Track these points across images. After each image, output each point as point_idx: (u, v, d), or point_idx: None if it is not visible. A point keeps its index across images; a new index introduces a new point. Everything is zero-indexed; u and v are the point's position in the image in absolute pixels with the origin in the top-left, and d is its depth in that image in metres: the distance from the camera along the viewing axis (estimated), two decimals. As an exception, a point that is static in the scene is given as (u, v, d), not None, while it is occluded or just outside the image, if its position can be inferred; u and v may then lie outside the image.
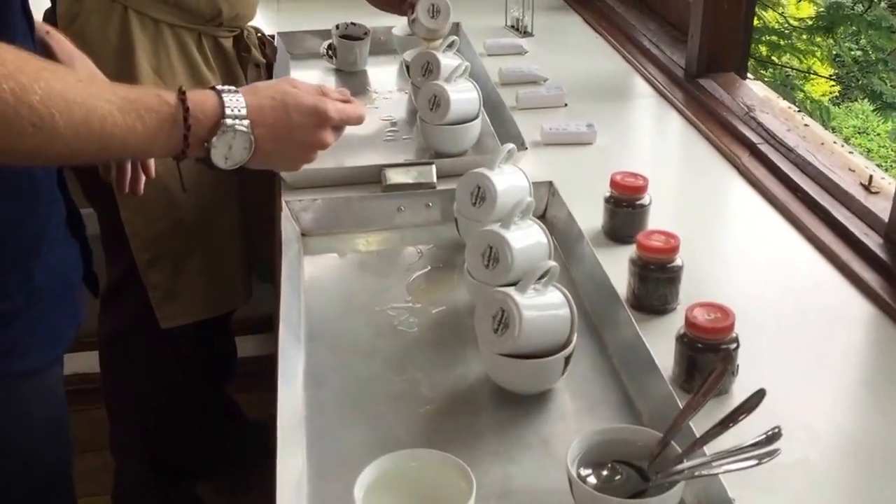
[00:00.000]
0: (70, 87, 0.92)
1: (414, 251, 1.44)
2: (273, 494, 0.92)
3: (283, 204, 1.47)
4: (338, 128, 1.19)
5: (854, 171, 1.50)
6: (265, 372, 2.57)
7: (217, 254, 1.82)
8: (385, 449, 0.93)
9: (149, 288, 1.77)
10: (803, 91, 6.50)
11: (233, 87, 1.08)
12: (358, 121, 1.22)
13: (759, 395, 0.91)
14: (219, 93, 1.06)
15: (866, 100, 7.03)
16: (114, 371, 1.99)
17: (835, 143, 1.62)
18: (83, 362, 2.08)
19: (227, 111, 1.05)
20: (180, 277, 1.78)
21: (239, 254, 1.90)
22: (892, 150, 7.38)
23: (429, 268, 1.40)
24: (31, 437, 1.18)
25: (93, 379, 2.02)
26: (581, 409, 1.10)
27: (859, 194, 1.43)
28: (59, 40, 1.32)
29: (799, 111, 1.79)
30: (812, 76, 6.75)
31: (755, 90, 1.87)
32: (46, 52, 1.27)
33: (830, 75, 7.15)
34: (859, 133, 7.68)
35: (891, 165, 7.08)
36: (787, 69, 5.69)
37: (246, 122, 1.07)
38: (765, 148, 1.63)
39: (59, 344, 1.18)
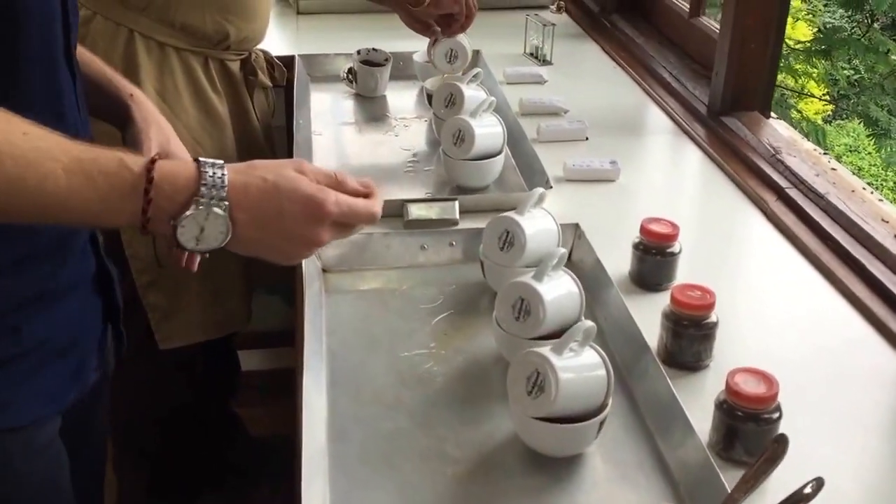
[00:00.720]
0: (10, 138, 0.84)
1: (437, 292, 1.41)
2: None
3: (304, 240, 1.43)
4: (340, 224, 1.00)
5: (888, 221, 1.47)
6: (268, 386, 2.57)
7: (217, 276, 1.79)
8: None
9: (148, 309, 1.75)
10: (798, 110, 6.51)
11: (219, 161, 0.94)
12: (369, 220, 1.03)
13: (818, 485, 0.87)
14: (199, 165, 0.93)
15: (860, 122, 7.06)
16: (115, 390, 1.96)
17: (864, 189, 1.60)
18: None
19: (203, 188, 0.91)
20: (180, 299, 1.76)
21: (239, 275, 1.87)
22: (881, 169, 7.41)
23: (452, 311, 1.36)
24: (19, 491, 1.10)
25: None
26: (614, 476, 1.07)
27: (894, 247, 1.40)
28: (141, 104, 1.26)
29: (825, 153, 1.76)
30: (805, 95, 6.77)
31: (780, 130, 1.84)
32: (126, 115, 1.23)
33: (823, 94, 7.18)
34: (851, 151, 7.72)
35: (881, 184, 7.10)
36: (781, 88, 5.69)
37: (224, 203, 0.92)
38: (793, 193, 1.60)
39: (50, 403, 1.10)
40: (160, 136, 1.23)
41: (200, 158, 0.94)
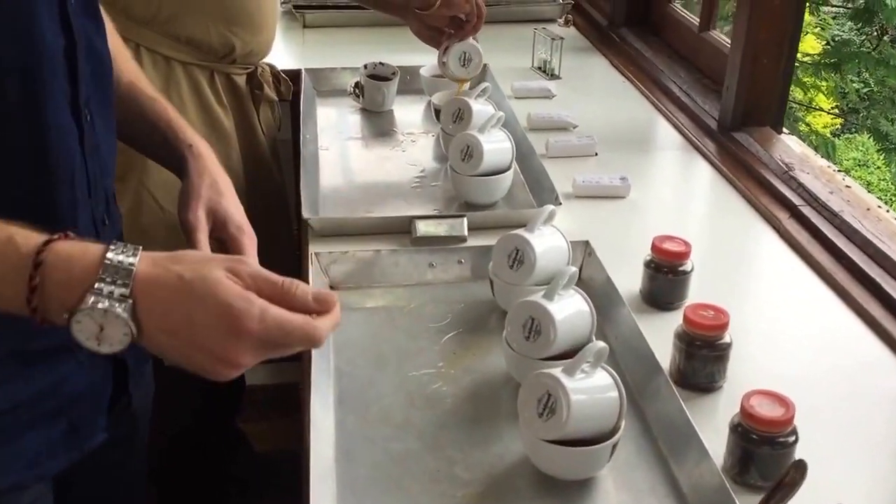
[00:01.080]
0: None
1: (445, 310, 1.39)
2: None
3: (313, 256, 1.41)
4: (269, 344, 0.81)
5: (903, 240, 1.45)
6: (273, 402, 2.55)
7: None
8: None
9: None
10: (807, 124, 6.50)
11: (135, 248, 0.80)
12: (306, 344, 0.84)
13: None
14: (106, 251, 0.79)
15: (869, 136, 7.04)
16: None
17: (880, 207, 1.58)
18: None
19: (102, 282, 0.77)
20: None
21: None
22: (891, 184, 7.38)
23: (460, 329, 1.34)
24: None
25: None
26: (627, 501, 1.05)
27: (910, 267, 1.38)
28: (198, 156, 1.17)
29: (839, 171, 1.74)
30: (814, 109, 6.75)
31: (792, 146, 1.82)
32: (182, 166, 1.16)
33: (832, 108, 7.16)
34: (860, 165, 7.69)
35: (891, 199, 7.07)
36: (790, 101, 5.67)
37: (126, 301, 0.78)
38: (806, 210, 1.58)
39: (32, 468, 1.02)
40: (211, 193, 1.14)
41: (115, 244, 0.80)
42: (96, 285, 0.77)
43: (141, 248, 0.80)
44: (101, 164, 1.04)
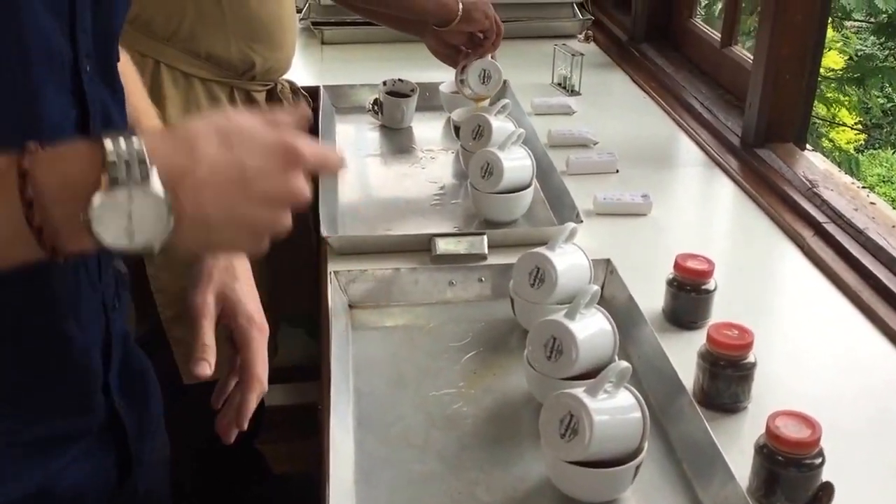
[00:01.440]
0: None
1: (465, 329, 1.37)
2: None
3: (332, 274, 1.41)
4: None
5: (930, 258, 1.43)
6: (291, 423, 2.53)
7: None
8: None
9: (172, 343, 1.72)
10: (830, 139, 6.45)
11: (130, 131, 0.70)
12: (336, 166, 0.82)
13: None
14: (98, 140, 0.67)
15: (894, 152, 6.97)
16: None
17: (905, 225, 1.56)
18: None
19: (110, 156, 0.66)
20: None
21: (265, 308, 1.84)
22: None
23: (481, 349, 1.33)
24: None
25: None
26: (652, 523, 1.03)
27: (937, 285, 1.36)
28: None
29: (863, 187, 1.72)
30: (837, 125, 6.70)
31: (816, 163, 1.80)
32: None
33: (856, 123, 7.11)
34: (884, 182, 7.62)
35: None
36: (812, 117, 5.63)
37: (151, 170, 0.67)
38: (831, 228, 1.56)
39: None
40: (225, 277, 1.08)
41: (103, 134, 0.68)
42: (108, 157, 0.66)
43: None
44: None
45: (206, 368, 0.96)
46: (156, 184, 0.67)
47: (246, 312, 1.07)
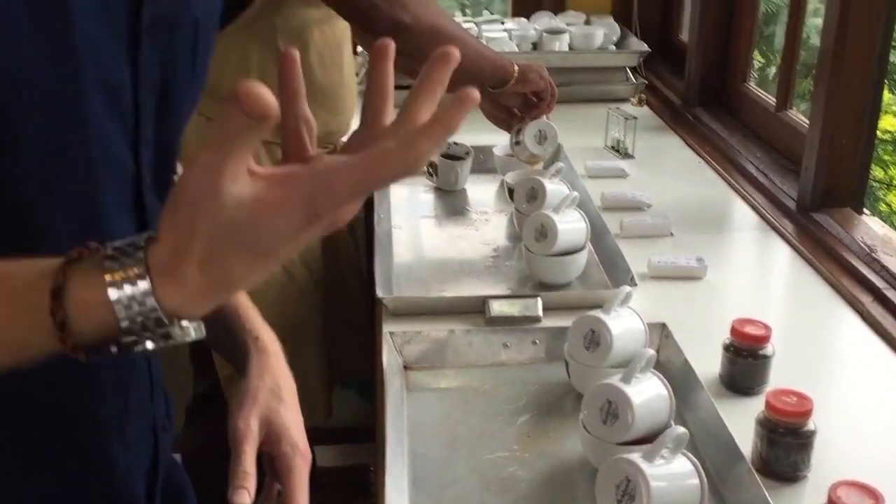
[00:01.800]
0: None
1: (520, 392, 1.37)
2: None
3: (387, 335, 1.41)
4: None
5: None
6: (342, 484, 2.53)
7: (299, 369, 1.78)
8: None
9: (230, 402, 1.72)
10: (887, 203, 6.38)
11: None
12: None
13: None
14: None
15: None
16: (194, 486, 1.95)
17: (967, 292, 1.53)
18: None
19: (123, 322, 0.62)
20: None
21: (321, 370, 1.85)
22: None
23: (535, 412, 1.33)
24: None
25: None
26: None
27: None
28: (262, 352, 1.05)
29: (921, 251, 1.70)
30: (894, 188, 6.62)
31: (874, 227, 1.79)
32: (244, 360, 1.04)
33: (913, 186, 7.01)
34: (944, 249, 7.48)
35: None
36: (868, 180, 5.57)
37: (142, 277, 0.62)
38: (891, 294, 1.54)
39: None
40: (270, 400, 1.02)
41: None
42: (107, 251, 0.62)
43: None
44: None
45: (246, 497, 0.93)
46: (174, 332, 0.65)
47: (291, 440, 1.01)
